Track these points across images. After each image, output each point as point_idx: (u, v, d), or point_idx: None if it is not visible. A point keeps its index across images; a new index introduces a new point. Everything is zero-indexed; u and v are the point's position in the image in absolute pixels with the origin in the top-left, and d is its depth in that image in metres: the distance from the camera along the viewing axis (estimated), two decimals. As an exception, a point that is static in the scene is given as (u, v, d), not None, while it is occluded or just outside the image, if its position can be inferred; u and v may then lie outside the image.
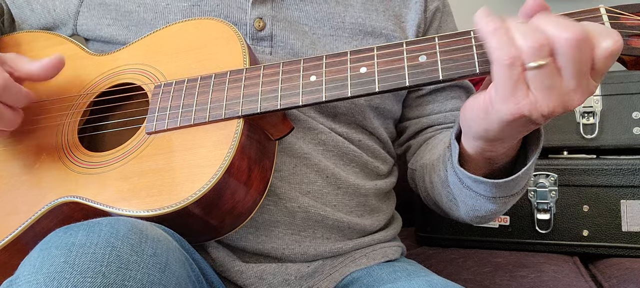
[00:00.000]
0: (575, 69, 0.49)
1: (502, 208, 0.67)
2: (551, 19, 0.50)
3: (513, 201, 0.67)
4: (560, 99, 0.50)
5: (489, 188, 0.63)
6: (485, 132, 0.57)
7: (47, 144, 0.70)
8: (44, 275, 0.46)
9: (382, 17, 0.82)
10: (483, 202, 0.66)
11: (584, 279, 1.01)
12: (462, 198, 0.69)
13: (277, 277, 0.72)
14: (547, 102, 0.50)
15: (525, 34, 0.50)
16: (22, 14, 0.84)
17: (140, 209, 0.59)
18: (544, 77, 0.49)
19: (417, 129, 0.87)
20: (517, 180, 0.62)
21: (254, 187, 0.65)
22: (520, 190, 0.66)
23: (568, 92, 0.50)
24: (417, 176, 0.84)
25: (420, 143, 0.86)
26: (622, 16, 0.53)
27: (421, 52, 0.58)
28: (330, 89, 0.61)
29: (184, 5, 0.76)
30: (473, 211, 0.70)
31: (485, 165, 0.63)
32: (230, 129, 0.62)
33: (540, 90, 0.50)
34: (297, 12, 0.77)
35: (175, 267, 0.52)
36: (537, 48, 0.49)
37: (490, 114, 0.54)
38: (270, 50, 0.75)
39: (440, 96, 0.86)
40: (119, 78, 0.72)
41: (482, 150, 0.61)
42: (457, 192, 0.69)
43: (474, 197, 0.66)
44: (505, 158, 0.63)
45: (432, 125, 0.86)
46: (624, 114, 1.16)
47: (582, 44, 0.48)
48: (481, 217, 0.71)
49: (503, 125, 0.54)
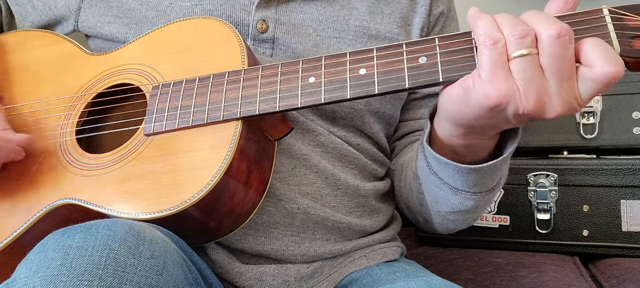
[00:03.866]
0: (556, 67, 0.50)
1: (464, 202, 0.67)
2: (541, 14, 0.52)
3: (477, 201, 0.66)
4: (539, 98, 0.51)
5: (451, 173, 0.63)
6: (459, 114, 0.56)
7: (45, 145, 0.69)
8: (41, 278, 0.46)
9: (387, 20, 0.81)
10: (446, 191, 0.66)
11: (584, 279, 1.00)
12: (427, 186, 0.69)
13: (277, 278, 0.72)
14: (526, 96, 0.51)
15: (511, 24, 0.52)
16: (23, 11, 0.84)
17: (139, 212, 0.59)
18: (526, 67, 0.51)
19: (405, 132, 0.87)
20: (481, 172, 0.62)
21: (253, 188, 0.65)
22: (485, 191, 0.65)
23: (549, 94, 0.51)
24: (395, 176, 0.84)
25: (404, 144, 0.86)
26: (625, 17, 0.52)
27: (421, 53, 0.58)
28: (329, 91, 0.60)
29: (187, 5, 0.75)
30: (436, 204, 0.70)
31: (451, 155, 0.63)
32: (229, 130, 0.62)
33: (521, 80, 0.51)
34: (302, 14, 0.77)
35: (173, 269, 0.52)
36: (520, 38, 0.51)
37: (470, 94, 0.54)
38: (271, 53, 0.75)
39: (432, 102, 0.86)
40: (116, 78, 0.72)
41: (451, 135, 0.60)
42: (423, 179, 0.69)
43: (438, 184, 0.66)
44: (475, 156, 0.62)
45: (420, 129, 0.86)
46: (624, 114, 1.16)
47: (564, 43, 0.50)
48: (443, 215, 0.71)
49: (478, 109, 0.53)
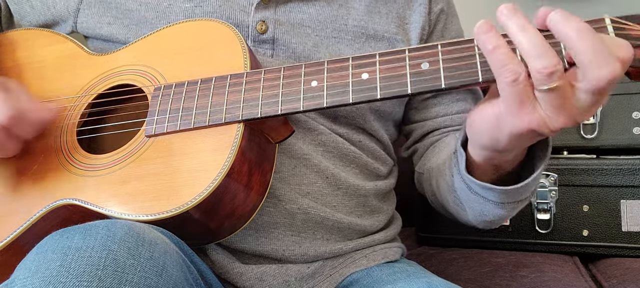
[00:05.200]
0: (597, 89, 0.48)
1: (510, 212, 0.67)
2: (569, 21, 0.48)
3: (521, 206, 0.66)
4: (570, 115, 0.50)
5: (497, 195, 0.63)
6: (495, 143, 0.56)
7: (46, 145, 0.69)
8: (40, 279, 0.46)
9: (385, 20, 0.81)
10: (491, 207, 0.65)
11: (584, 279, 1.01)
12: (470, 203, 0.68)
13: (277, 279, 0.72)
14: (557, 118, 0.50)
15: (539, 55, 0.48)
16: (21, 10, 0.84)
17: (140, 213, 0.59)
18: (555, 98, 0.49)
19: (424, 132, 0.87)
20: (526, 187, 0.62)
21: (254, 190, 0.65)
22: (529, 195, 0.66)
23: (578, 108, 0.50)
24: (424, 179, 0.83)
25: (426, 146, 0.86)
26: (627, 27, 0.52)
27: (424, 59, 0.58)
28: (331, 95, 0.60)
29: (187, 6, 0.75)
30: (481, 216, 0.69)
31: (492, 172, 0.63)
32: (231, 133, 0.62)
33: (551, 109, 0.50)
34: (301, 14, 0.77)
35: (172, 270, 0.52)
36: (548, 74, 0.48)
37: (502, 126, 0.53)
38: (271, 53, 0.75)
39: (446, 99, 0.85)
40: (118, 79, 0.72)
41: (490, 159, 0.61)
42: (464, 197, 0.69)
43: (482, 202, 0.66)
44: (512, 164, 0.62)
45: (438, 128, 0.85)
46: (624, 114, 1.15)
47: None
48: (489, 221, 0.71)
49: (513, 138, 0.54)
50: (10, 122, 0.61)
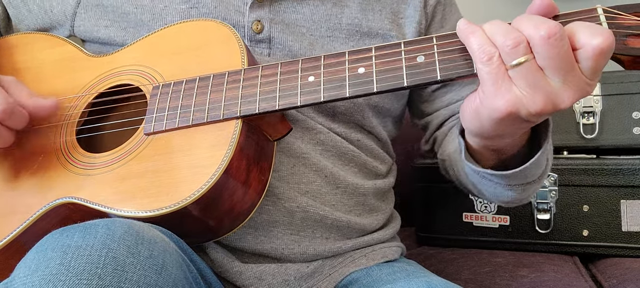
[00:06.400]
0: (555, 66, 0.50)
1: (523, 194, 0.69)
2: (530, 18, 0.52)
3: (535, 187, 0.68)
4: (547, 97, 0.52)
5: (500, 179, 0.65)
6: (480, 130, 0.59)
7: (46, 144, 0.70)
8: (40, 278, 0.46)
9: (379, 16, 0.81)
10: (502, 189, 0.68)
11: (584, 279, 1.01)
12: (483, 186, 0.71)
13: (277, 278, 0.72)
14: (533, 99, 0.51)
15: (504, 33, 0.52)
16: (19, 15, 0.84)
17: (139, 210, 0.59)
18: (527, 75, 0.51)
19: (440, 121, 0.87)
20: (527, 170, 0.63)
21: (253, 188, 0.65)
22: (538, 178, 0.67)
23: (556, 90, 0.51)
24: (447, 166, 0.84)
25: (445, 133, 0.86)
26: (619, 16, 0.53)
27: (419, 52, 0.59)
28: (328, 90, 0.61)
29: (182, 8, 0.75)
30: (496, 197, 0.72)
31: (494, 157, 0.65)
32: (229, 129, 0.62)
33: (525, 88, 0.51)
34: (295, 14, 0.77)
35: (172, 268, 0.52)
36: (513, 46, 0.51)
37: (480, 113, 0.56)
38: (268, 52, 0.75)
39: (455, 84, 0.86)
40: (117, 79, 0.72)
41: (485, 145, 0.63)
42: (476, 181, 0.71)
43: (493, 185, 0.68)
44: (512, 149, 0.64)
45: (454, 114, 0.86)
46: (624, 114, 1.15)
47: (557, 41, 0.50)
48: (508, 202, 0.73)
49: (493, 122, 0.55)
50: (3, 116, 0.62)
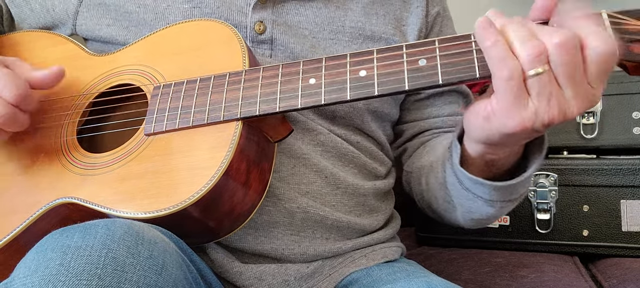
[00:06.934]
0: (568, 74, 0.50)
1: (498, 212, 0.67)
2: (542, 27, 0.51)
3: (510, 206, 0.67)
4: (559, 107, 0.51)
5: (487, 191, 0.64)
6: (487, 139, 0.58)
7: (46, 144, 0.70)
8: (39, 278, 0.46)
9: (382, 21, 0.81)
10: (480, 204, 0.66)
11: (584, 279, 1.01)
12: (460, 200, 0.69)
13: (277, 278, 0.72)
14: (547, 110, 0.51)
15: (523, 42, 0.50)
16: (22, 13, 0.84)
17: (139, 211, 0.59)
18: (544, 85, 0.50)
19: (415, 132, 0.88)
20: (516, 186, 0.62)
21: (253, 189, 0.65)
22: (518, 196, 0.66)
23: (567, 99, 0.51)
24: (413, 179, 0.84)
25: (416, 146, 0.87)
26: (624, 22, 0.52)
27: (421, 55, 0.58)
28: (329, 92, 0.60)
29: (185, 7, 0.75)
30: (469, 213, 0.70)
31: (485, 169, 0.63)
32: (229, 131, 0.62)
33: (541, 99, 0.51)
34: (298, 16, 0.77)
35: (172, 269, 0.52)
36: (535, 56, 0.50)
37: (492, 123, 0.55)
38: (270, 53, 0.75)
39: (439, 101, 0.86)
40: (118, 79, 0.72)
41: (484, 154, 0.61)
42: (454, 193, 0.69)
43: (472, 199, 0.66)
44: (505, 163, 0.63)
45: (430, 129, 0.86)
46: (624, 114, 1.15)
47: (570, 48, 0.49)
48: (476, 220, 0.72)
49: (503, 135, 0.55)
50: (18, 100, 0.63)
